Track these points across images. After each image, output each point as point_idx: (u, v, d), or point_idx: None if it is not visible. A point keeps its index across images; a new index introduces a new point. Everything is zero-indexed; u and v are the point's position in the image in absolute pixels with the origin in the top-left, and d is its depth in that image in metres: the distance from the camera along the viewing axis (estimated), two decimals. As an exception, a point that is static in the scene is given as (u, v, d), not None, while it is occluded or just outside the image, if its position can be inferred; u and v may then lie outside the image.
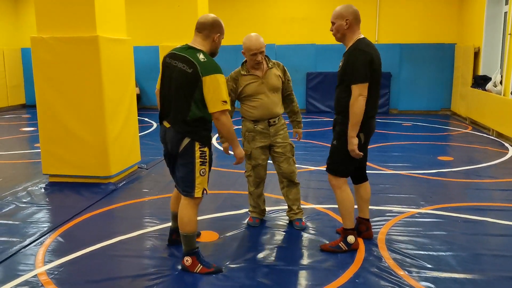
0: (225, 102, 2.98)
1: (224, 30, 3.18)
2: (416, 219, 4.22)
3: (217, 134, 5.73)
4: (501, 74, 8.47)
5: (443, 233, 3.90)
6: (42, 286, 3.06)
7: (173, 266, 3.32)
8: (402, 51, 11.12)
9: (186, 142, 3.05)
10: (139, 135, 6.14)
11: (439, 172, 5.83)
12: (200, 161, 3.08)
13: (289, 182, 3.99)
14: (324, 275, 3.19)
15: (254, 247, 3.66)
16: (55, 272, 3.25)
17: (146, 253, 3.57)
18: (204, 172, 3.11)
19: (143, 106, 12.23)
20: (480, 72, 9.57)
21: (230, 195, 4.95)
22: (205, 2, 8.42)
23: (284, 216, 4.25)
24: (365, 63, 3.18)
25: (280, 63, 3.94)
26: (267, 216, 4.26)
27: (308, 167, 6.07)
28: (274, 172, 4.13)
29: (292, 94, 4.04)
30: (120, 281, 3.14)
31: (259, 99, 3.79)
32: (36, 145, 7.37)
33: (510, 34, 8.05)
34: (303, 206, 4.23)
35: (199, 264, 3.20)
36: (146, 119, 10.47)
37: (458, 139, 8.17)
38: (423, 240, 3.74)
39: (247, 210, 4.27)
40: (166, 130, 3.16)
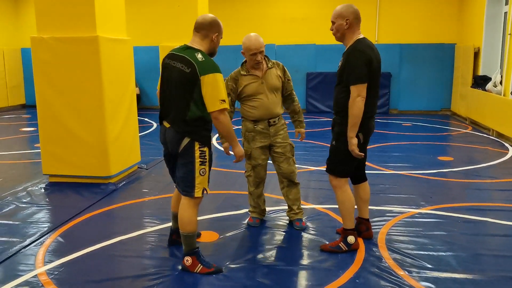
0: (223, 101, 2.98)
1: (222, 29, 3.18)
2: (416, 219, 4.22)
3: (217, 134, 5.73)
4: (501, 74, 8.47)
5: (443, 233, 3.90)
6: (42, 286, 3.06)
7: (173, 266, 3.32)
8: (402, 51, 11.12)
9: (186, 142, 3.05)
10: (139, 135, 6.14)
11: (439, 172, 5.83)
12: (200, 161, 3.08)
13: (289, 182, 3.99)
14: (324, 275, 3.19)
15: (254, 247, 3.66)
16: (55, 272, 3.25)
17: (146, 253, 3.57)
18: (204, 172, 3.11)
19: (143, 106, 12.24)
20: (480, 72, 9.58)
21: (230, 195, 4.95)
22: (205, 2, 8.42)
23: (284, 216, 4.25)
24: (363, 63, 3.18)
25: (280, 63, 3.93)
26: (267, 216, 4.26)
27: (308, 167, 6.07)
28: (274, 172, 4.13)
29: (293, 93, 4.02)
30: (120, 281, 3.14)
31: (259, 99, 3.79)
32: (36, 145, 7.37)
33: (510, 34, 8.05)
34: (303, 206, 4.23)
35: (199, 264, 3.20)
36: (146, 119, 10.47)
37: (458, 139, 8.17)
38: (423, 240, 3.74)
39: (247, 210, 4.27)
40: (166, 130, 3.17)
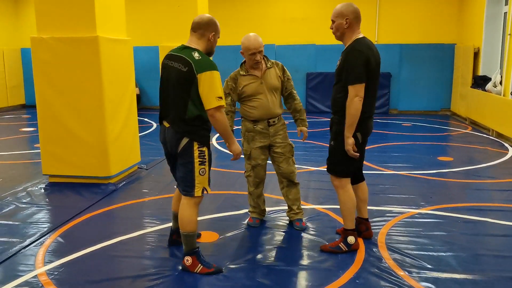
0: (220, 98, 2.99)
1: (219, 29, 3.19)
2: (416, 220, 4.22)
3: (217, 134, 5.72)
4: (500, 74, 8.47)
5: (443, 233, 3.90)
6: (42, 286, 3.06)
7: (173, 267, 3.32)
8: (402, 51, 11.12)
9: (185, 142, 3.06)
10: (139, 135, 6.14)
11: (439, 173, 5.83)
12: (199, 160, 3.08)
13: (288, 182, 3.99)
14: (324, 275, 3.19)
15: (254, 247, 3.67)
16: (55, 273, 3.25)
17: (146, 253, 3.57)
18: (204, 172, 3.12)
19: (143, 106, 12.24)
20: (480, 73, 9.58)
21: (230, 196, 4.95)
22: (205, 2, 8.41)
23: (284, 216, 4.25)
24: (361, 63, 3.17)
25: (279, 63, 3.93)
26: (267, 217, 4.26)
27: (308, 167, 6.07)
28: (274, 173, 4.13)
29: (294, 92, 4.00)
30: (120, 281, 3.14)
31: (258, 99, 3.79)
32: (36, 145, 7.37)
33: (509, 35, 8.06)
34: (303, 207, 4.23)
35: (200, 264, 3.20)
36: (146, 119, 10.47)
37: (458, 139, 8.17)
38: (423, 241, 3.75)
39: (247, 210, 4.27)
40: (165, 130, 3.18)
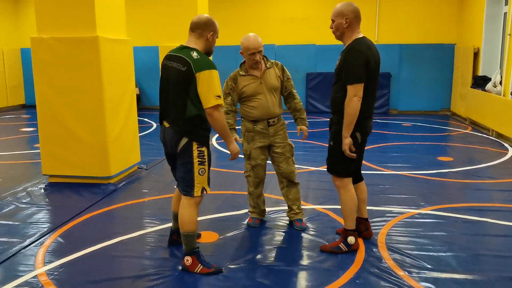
0: (218, 97, 3.00)
1: (218, 29, 3.19)
2: (416, 220, 4.22)
3: (217, 134, 5.72)
4: (500, 74, 8.47)
5: (443, 233, 3.90)
6: (42, 286, 3.06)
7: (173, 267, 3.32)
8: (402, 51, 11.12)
9: (184, 142, 3.07)
10: (139, 135, 6.13)
11: (439, 173, 5.83)
12: (198, 160, 3.09)
13: (288, 182, 3.99)
14: (324, 275, 3.19)
15: (254, 247, 3.67)
16: (55, 273, 3.25)
17: (147, 253, 3.57)
18: (203, 172, 3.12)
19: (143, 106, 12.23)
20: (480, 73, 9.58)
21: (230, 196, 4.95)
22: (205, 2, 8.42)
23: (284, 216, 4.25)
24: (361, 63, 3.17)
25: (278, 62, 3.93)
26: (267, 217, 4.26)
27: (308, 167, 6.07)
28: (274, 173, 4.13)
29: (294, 92, 3.98)
30: (120, 281, 3.14)
31: (258, 99, 3.79)
32: (36, 145, 7.37)
33: (509, 35, 8.06)
34: (303, 207, 4.23)
35: (200, 264, 3.20)
36: (146, 120, 10.47)
37: (457, 139, 8.17)
38: (423, 241, 3.75)
39: (247, 210, 4.27)
40: (166, 130, 3.19)
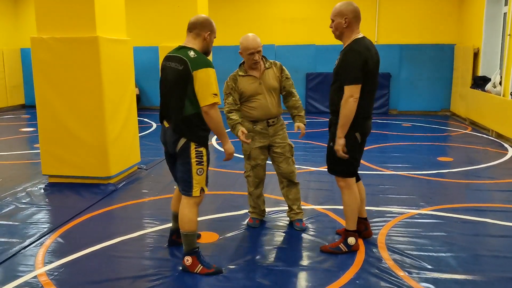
0: (215, 95, 3.01)
1: (215, 29, 3.21)
2: (416, 220, 4.22)
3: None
4: (500, 74, 8.47)
5: (443, 234, 3.90)
6: (42, 287, 3.06)
7: (173, 267, 3.32)
8: (401, 51, 11.12)
9: (183, 142, 3.09)
10: (138, 135, 6.13)
11: (438, 173, 5.83)
12: (196, 161, 3.10)
13: (288, 182, 3.99)
14: (324, 276, 3.19)
15: (254, 248, 3.67)
16: (55, 273, 3.25)
17: (146, 254, 3.57)
18: (201, 172, 3.14)
19: (143, 106, 12.22)
20: (480, 73, 9.58)
21: (229, 196, 4.95)
22: (205, 2, 8.41)
23: (284, 217, 4.25)
24: (358, 64, 3.16)
25: (277, 62, 3.92)
26: (267, 217, 4.26)
27: (308, 167, 6.07)
28: (274, 173, 4.13)
29: (293, 91, 3.94)
30: (120, 282, 3.14)
31: (257, 100, 3.79)
32: (35, 145, 7.37)
33: (509, 35, 8.06)
34: (303, 207, 4.23)
35: (200, 265, 3.20)
36: (146, 120, 10.47)
37: (457, 139, 8.17)
38: (423, 241, 3.75)
39: (247, 211, 4.27)
40: (166, 130, 3.20)
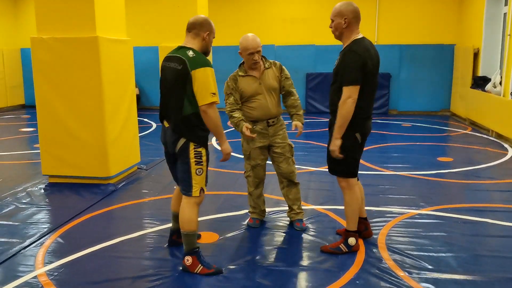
0: (214, 94, 3.02)
1: (214, 29, 3.22)
2: (416, 220, 4.22)
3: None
4: (500, 75, 8.47)
5: (443, 234, 3.90)
6: (42, 287, 3.06)
7: (173, 267, 3.32)
8: (401, 52, 11.12)
9: (182, 142, 3.10)
10: (138, 135, 6.13)
11: (438, 173, 5.83)
12: (195, 161, 3.11)
13: (289, 182, 3.99)
14: (324, 276, 3.19)
15: (254, 248, 3.66)
16: (55, 273, 3.24)
17: (146, 254, 3.57)
18: (201, 172, 3.14)
19: (143, 106, 12.22)
20: (480, 73, 9.58)
21: (230, 196, 4.95)
22: (205, 2, 8.42)
23: (284, 217, 4.24)
24: (357, 66, 3.15)
25: (277, 62, 3.92)
26: (267, 217, 4.26)
27: (308, 168, 6.06)
28: (274, 173, 4.13)
29: (292, 90, 3.93)
30: (120, 282, 3.14)
31: (257, 100, 3.79)
32: (35, 145, 7.37)
33: (509, 35, 8.06)
34: (303, 207, 4.22)
35: (200, 265, 3.20)
36: (146, 120, 10.47)
37: (457, 140, 8.17)
38: (423, 241, 3.75)
39: (247, 211, 4.27)
40: (166, 130, 3.21)
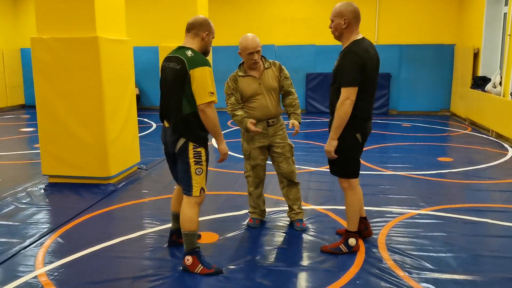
0: (212, 93, 3.02)
1: (213, 29, 3.22)
2: (416, 220, 4.22)
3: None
4: (500, 75, 8.47)
5: (443, 234, 3.90)
6: (42, 287, 3.06)
7: (173, 267, 3.32)
8: (401, 52, 11.12)
9: (182, 142, 3.11)
10: (138, 135, 6.13)
11: (438, 173, 5.83)
12: (195, 161, 3.12)
13: (289, 182, 3.99)
14: (324, 276, 3.19)
15: (254, 248, 3.66)
16: (55, 273, 3.24)
17: (146, 254, 3.57)
18: (200, 171, 3.15)
19: (143, 106, 12.22)
20: (480, 73, 9.58)
21: (230, 196, 4.95)
22: (205, 2, 8.42)
23: (284, 217, 4.24)
24: (356, 67, 3.14)
25: (277, 62, 3.92)
26: (267, 217, 4.26)
27: (308, 168, 6.06)
28: (274, 173, 4.13)
29: (292, 90, 3.93)
30: (120, 282, 3.14)
31: (257, 100, 3.79)
32: (35, 145, 7.37)
33: (509, 35, 8.06)
34: (303, 207, 4.22)
35: (200, 265, 3.20)
36: (146, 120, 10.47)
37: (457, 140, 8.17)
38: (423, 241, 3.75)
39: (247, 211, 4.27)
40: (166, 130, 3.22)
